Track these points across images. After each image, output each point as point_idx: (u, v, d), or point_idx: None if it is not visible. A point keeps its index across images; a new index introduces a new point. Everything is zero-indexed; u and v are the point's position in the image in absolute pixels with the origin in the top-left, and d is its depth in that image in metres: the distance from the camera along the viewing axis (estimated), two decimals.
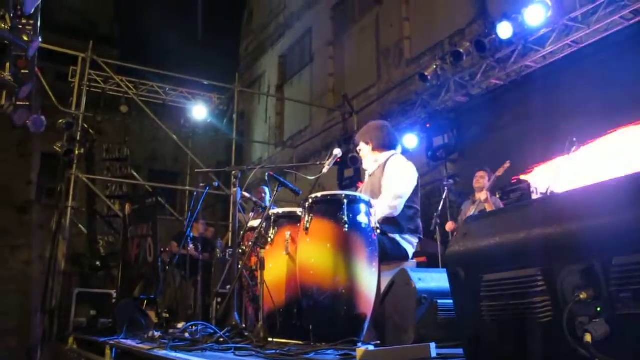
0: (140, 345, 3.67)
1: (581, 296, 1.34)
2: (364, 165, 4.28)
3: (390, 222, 3.76)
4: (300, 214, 3.54)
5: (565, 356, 1.36)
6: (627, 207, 1.28)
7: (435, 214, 6.91)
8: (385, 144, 4.16)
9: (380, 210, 3.69)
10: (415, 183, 3.94)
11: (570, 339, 1.33)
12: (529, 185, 6.81)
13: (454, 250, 1.74)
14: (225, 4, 18.81)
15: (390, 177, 3.87)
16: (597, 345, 1.27)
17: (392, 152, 4.11)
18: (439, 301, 2.76)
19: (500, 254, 1.57)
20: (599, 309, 1.32)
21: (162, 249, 7.29)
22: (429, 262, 6.59)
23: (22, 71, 6.54)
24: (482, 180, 6.67)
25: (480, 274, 1.61)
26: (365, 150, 4.20)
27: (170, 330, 4.64)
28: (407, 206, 3.85)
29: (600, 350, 1.27)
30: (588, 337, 1.28)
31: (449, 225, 6.79)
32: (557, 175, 6.31)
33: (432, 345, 2.03)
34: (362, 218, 3.34)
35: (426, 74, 8.48)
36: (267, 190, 6.69)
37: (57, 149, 9.78)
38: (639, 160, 5.47)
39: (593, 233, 1.34)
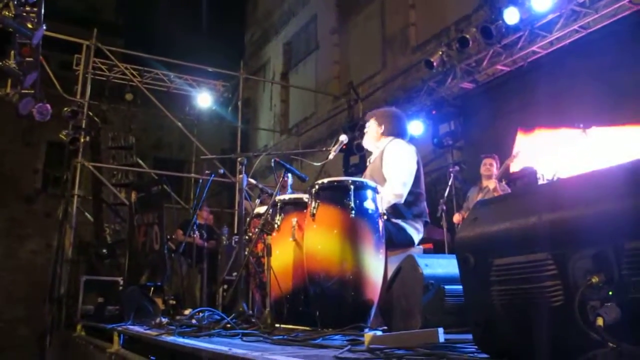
0: (148, 332, 3.68)
1: (593, 280, 1.32)
2: (365, 142, 4.25)
3: (391, 209, 3.75)
4: (306, 200, 3.54)
5: (576, 340, 1.35)
6: None
7: (441, 201, 6.91)
8: (395, 133, 4.14)
9: (387, 198, 3.68)
10: (416, 167, 3.93)
11: (582, 323, 1.32)
12: (535, 172, 6.79)
13: (463, 235, 1.73)
14: None
15: (394, 164, 3.85)
16: (609, 329, 1.26)
17: (392, 138, 4.10)
18: (446, 287, 2.76)
19: (511, 239, 1.55)
20: (610, 293, 1.31)
21: (168, 237, 7.30)
22: (435, 248, 6.59)
23: (27, 59, 6.55)
24: (490, 167, 6.62)
25: (491, 259, 1.60)
26: (372, 130, 4.17)
27: (177, 317, 4.65)
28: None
29: (612, 334, 1.26)
30: (600, 321, 1.27)
31: (456, 217, 6.78)
32: (564, 161, 6.29)
33: (440, 330, 2.03)
34: (368, 204, 3.33)
35: (432, 60, 8.43)
36: (289, 175, 6.44)
37: (63, 137, 9.78)
38: None
39: (605, 217, 1.33)
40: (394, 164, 3.85)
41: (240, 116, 12.59)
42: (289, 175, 6.36)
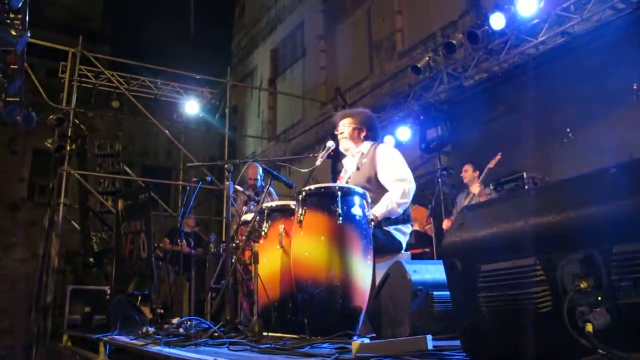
0: (134, 342, 3.63)
1: (581, 285, 1.31)
2: (343, 146, 4.12)
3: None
4: (293, 207, 3.51)
5: (565, 346, 1.33)
6: (628, 194, 1.25)
7: (430, 206, 6.90)
8: (376, 137, 4.15)
9: (397, 210, 3.69)
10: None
11: (571, 329, 1.30)
12: (523, 176, 6.81)
13: (450, 241, 1.71)
14: None
15: (397, 172, 3.81)
16: (598, 335, 1.25)
17: (372, 142, 4.07)
18: (435, 293, 2.74)
19: (498, 244, 1.54)
20: (599, 298, 1.29)
21: (156, 245, 7.25)
22: (424, 254, 6.58)
23: (12, 67, 6.49)
24: (465, 174, 6.72)
25: (478, 265, 1.58)
26: (351, 133, 4.08)
27: (165, 326, 4.60)
28: None
29: (601, 340, 1.24)
30: (589, 327, 1.25)
31: (446, 223, 6.78)
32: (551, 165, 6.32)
33: (429, 337, 2.01)
34: (356, 210, 3.30)
35: (419, 66, 8.45)
36: (258, 166, 6.19)
37: (49, 145, 9.68)
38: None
39: (593, 221, 1.31)
40: (397, 171, 3.81)
41: (227, 123, 12.54)
42: (258, 165, 6.19)
